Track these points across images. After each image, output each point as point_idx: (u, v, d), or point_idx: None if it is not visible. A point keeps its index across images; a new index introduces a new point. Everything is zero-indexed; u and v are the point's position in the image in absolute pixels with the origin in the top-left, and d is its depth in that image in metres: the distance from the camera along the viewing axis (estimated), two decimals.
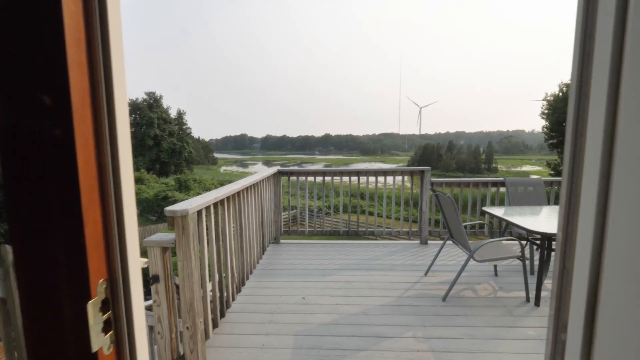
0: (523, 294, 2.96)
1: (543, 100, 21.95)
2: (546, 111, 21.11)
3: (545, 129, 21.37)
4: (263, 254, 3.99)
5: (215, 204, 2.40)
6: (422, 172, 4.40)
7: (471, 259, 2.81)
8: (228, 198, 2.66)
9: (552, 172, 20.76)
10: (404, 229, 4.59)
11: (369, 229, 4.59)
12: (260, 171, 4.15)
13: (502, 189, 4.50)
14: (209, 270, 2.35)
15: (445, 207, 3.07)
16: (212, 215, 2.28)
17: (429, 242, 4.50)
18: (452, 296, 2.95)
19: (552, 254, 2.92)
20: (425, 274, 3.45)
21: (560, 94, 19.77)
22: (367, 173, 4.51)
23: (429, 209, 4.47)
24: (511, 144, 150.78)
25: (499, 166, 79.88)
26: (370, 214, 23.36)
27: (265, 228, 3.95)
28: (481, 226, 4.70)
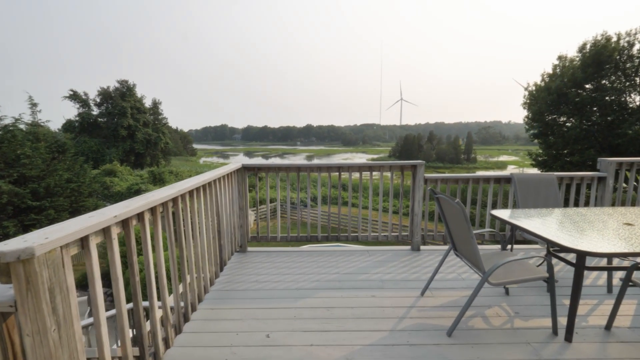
0: (546, 322, 2.34)
1: (525, 90, 21.84)
2: (527, 101, 21.01)
3: (526, 119, 21.30)
4: (221, 270, 3.23)
5: (126, 222, 1.61)
6: (414, 167, 3.72)
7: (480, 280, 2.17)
8: (153, 209, 1.87)
9: (533, 163, 20.78)
10: (393, 233, 3.92)
11: (351, 234, 3.90)
12: (227, 165, 3.35)
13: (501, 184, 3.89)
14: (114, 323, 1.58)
15: (451, 215, 2.40)
16: (114, 242, 1.49)
17: (422, 248, 3.85)
18: (458, 328, 2.30)
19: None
20: (422, 294, 2.79)
21: (543, 83, 19.64)
22: (349, 168, 3.79)
23: (420, 207, 3.81)
24: (489, 135, 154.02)
25: (477, 156, 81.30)
26: (354, 205, 22.69)
27: (224, 238, 3.18)
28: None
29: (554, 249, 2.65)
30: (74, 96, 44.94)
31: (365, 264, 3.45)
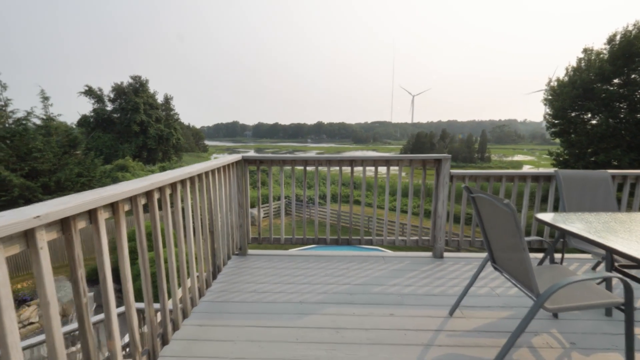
0: (613, 357, 1.85)
1: (546, 85, 20.87)
2: (549, 97, 20.06)
3: (547, 116, 20.35)
4: (215, 277, 2.81)
5: (66, 223, 1.20)
6: (438, 162, 3.24)
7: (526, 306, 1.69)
8: (114, 206, 1.46)
9: (554, 163, 19.83)
10: (411, 237, 3.44)
11: (364, 237, 3.44)
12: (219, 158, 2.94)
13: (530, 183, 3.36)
14: None
15: (492, 219, 1.91)
16: (41, 253, 1.07)
17: (445, 255, 3.37)
18: None
19: None
20: (451, 314, 2.32)
21: (567, 78, 18.67)
22: (363, 162, 3.32)
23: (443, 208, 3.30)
24: (503, 133, 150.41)
25: (492, 155, 79.31)
26: (368, 205, 22.21)
27: (218, 241, 2.76)
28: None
29: (620, 265, 2.13)
30: (89, 92, 45.55)
31: (381, 273, 3.00)
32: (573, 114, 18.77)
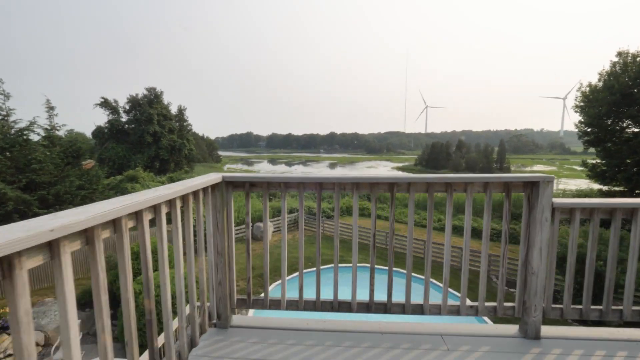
0: None
1: (577, 91, 19.32)
2: (581, 104, 18.48)
3: (579, 124, 18.73)
4: None
5: None
6: (530, 186, 2.02)
7: None
8: None
9: (589, 174, 18.10)
10: (486, 303, 2.19)
11: (411, 304, 2.20)
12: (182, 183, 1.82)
13: None
14: None
15: None
16: None
17: (543, 332, 2.10)
18: None
19: None
20: None
21: (602, 83, 17.11)
22: (411, 186, 2.11)
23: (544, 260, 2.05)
24: (521, 143, 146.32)
25: (511, 166, 76.54)
26: (417, 249, 20.66)
27: (168, 329, 1.59)
28: None
29: None
30: (105, 103, 45.99)
31: None
32: (609, 122, 17.15)
